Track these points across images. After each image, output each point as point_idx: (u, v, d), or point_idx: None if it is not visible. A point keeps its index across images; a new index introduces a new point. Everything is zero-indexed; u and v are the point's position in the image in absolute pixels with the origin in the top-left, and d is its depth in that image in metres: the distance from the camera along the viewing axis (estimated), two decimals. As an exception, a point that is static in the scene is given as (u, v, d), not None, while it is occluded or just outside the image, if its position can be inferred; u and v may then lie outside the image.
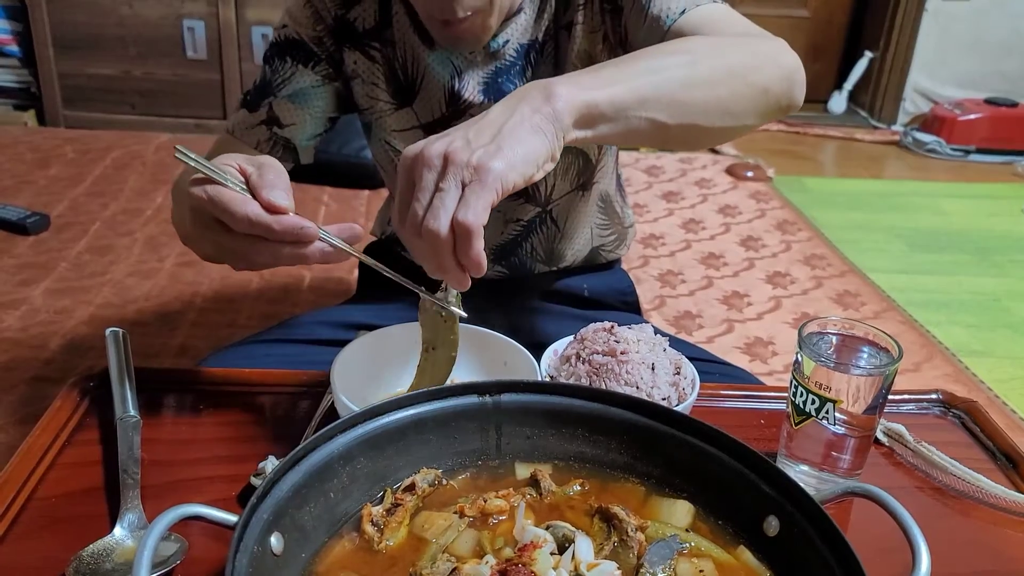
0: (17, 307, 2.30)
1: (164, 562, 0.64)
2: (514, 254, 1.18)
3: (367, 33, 1.06)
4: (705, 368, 0.96)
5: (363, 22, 1.05)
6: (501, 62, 1.04)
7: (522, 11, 1.02)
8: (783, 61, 0.88)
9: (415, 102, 1.07)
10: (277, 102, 1.05)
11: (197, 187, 0.70)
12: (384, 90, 1.07)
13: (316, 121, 1.08)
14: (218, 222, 0.71)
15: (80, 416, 0.82)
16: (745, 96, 0.84)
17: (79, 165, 3.25)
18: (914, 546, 0.57)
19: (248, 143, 1.05)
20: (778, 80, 0.87)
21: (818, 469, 0.78)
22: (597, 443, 0.72)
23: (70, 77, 3.57)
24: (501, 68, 1.04)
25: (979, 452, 0.89)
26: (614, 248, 1.27)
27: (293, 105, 1.06)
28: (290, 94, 1.05)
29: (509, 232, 1.16)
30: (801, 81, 0.89)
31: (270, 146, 1.06)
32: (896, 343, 0.76)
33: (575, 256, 1.22)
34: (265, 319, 2.31)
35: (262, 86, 1.06)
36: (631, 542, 0.62)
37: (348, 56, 1.06)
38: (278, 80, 1.06)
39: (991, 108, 4.08)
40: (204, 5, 3.50)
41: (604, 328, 0.87)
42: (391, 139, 1.10)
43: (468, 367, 0.88)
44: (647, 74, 0.78)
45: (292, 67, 1.06)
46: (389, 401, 0.68)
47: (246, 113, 1.06)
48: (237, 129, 1.06)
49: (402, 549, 0.63)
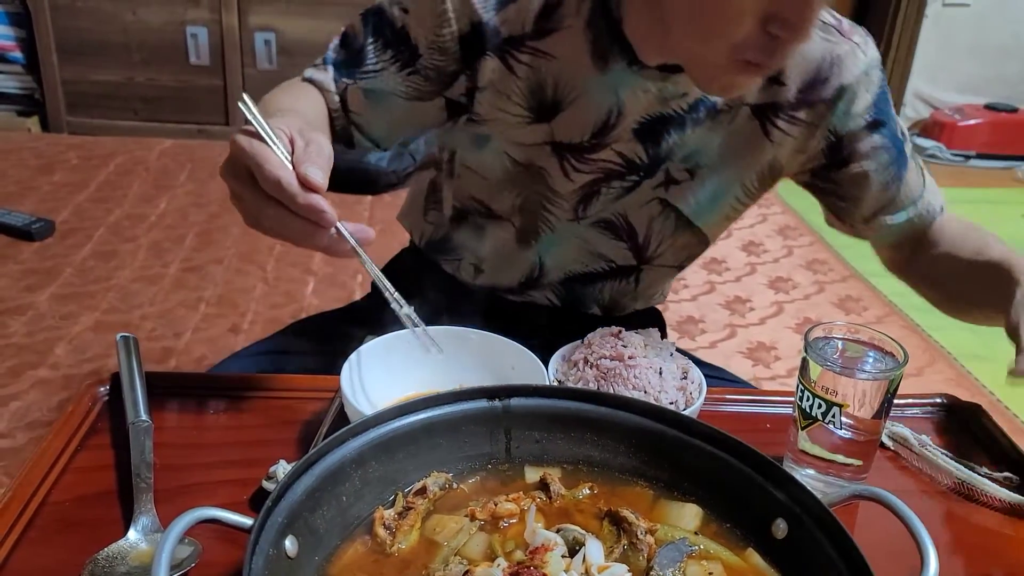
0: (23, 313, 2.31)
1: (179, 565, 0.64)
2: (580, 289, 1.13)
3: (513, 40, 0.96)
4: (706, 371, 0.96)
5: (512, 26, 0.95)
6: (671, 110, 0.98)
7: None
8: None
9: (555, 120, 0.99)
10: (353, 88, 0.98)
11: (243, 138, 0.72)
12: (518, 103, 0.99)
13: (389, 127, 1.02)
14: (248, 174, 0.72)
15: (92, 421, 0.83)
16: None
17: (83, 171, 3.26)
18: (922, 548, 0.57)
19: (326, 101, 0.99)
20: None
21: (824, 473, 0.79)
22: (605, 447, 0.72)
23: (74, 83, 3.58)
24: (667, 116, 0.98)
25: (983, 455, 0.89)
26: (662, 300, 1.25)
27: (366, 101, 0.99)
28: (367, 88, 0.98)
29: (591, 266, 1.11)
30: None
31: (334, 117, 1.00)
32: (901, 347, 0.77)
33: (630, 309, 1.18)
34: (269, 323, 2.32)
35: (351, 57, 0.98)
36: (641, 545, 0.63)
37: (484, 64, 0.97)
38: (367, 67, 0.98)
39: (991, 113, 4.09)
40: (207, 11, 3.51)
41: (612, 333, 0.87)
42: (512, 151, 1.02)
43: (477, 372, 0.88)
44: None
45: (387, 62, 0.97)
46: (400, 405, 0.69)
47: (331, 74, 0.99)
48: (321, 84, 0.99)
49: (414, 552, 0.63)
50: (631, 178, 1.02)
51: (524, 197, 1.05)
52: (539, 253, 1.09)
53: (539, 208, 1.05)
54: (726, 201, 1.06)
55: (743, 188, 1.05)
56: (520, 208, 1.06)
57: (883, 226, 1.06)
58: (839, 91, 0.98)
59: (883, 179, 1.03)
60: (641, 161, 1.00)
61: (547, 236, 1.07)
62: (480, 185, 1.07)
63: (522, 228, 1.07)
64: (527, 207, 1.06)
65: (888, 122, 1.02)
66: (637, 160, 1.00)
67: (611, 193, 1.03)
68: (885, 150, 1.02)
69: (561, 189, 1.03)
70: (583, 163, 1.00)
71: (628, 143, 0.99)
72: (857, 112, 0.99)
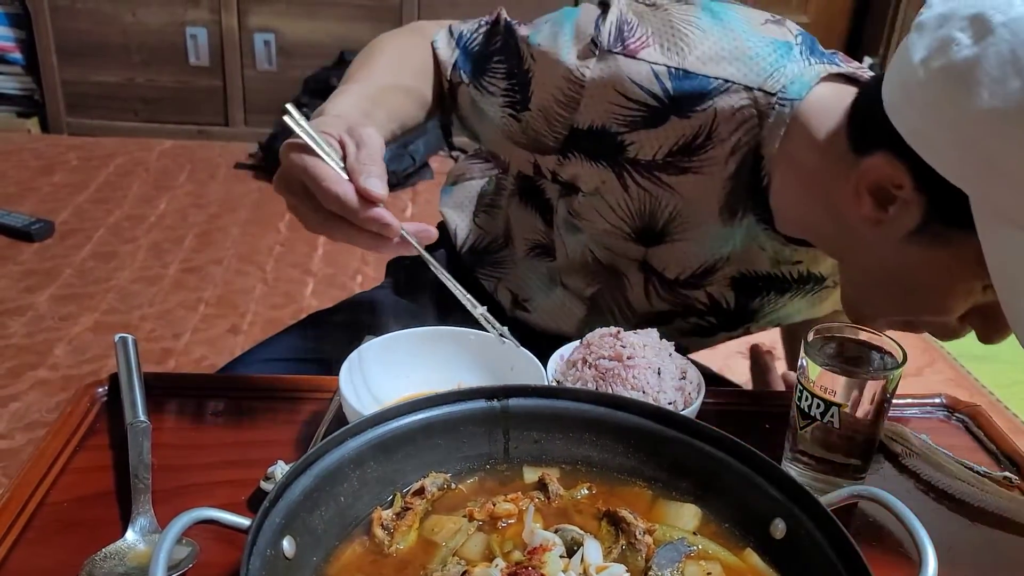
0: (22, 314, 2.31)
1: (176, 566, 0.64)
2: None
3: (634, 162, 0.88)
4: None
5: (643, 150, 0.87)
6: (779, 273, 0.96)
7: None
8: None
9: (654, 247, 0.95)
10: (464, 88, 0.94)
11: (295, 154, 0.70)
12: (623, 219, 0.93)
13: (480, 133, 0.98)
14: (305, 189, 0.71)
15: (91, 421, 0.83)
16: None
17: (83, 172, 3.26)
18: (920, 548, 0.57)
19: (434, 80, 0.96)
20: None
21: (823, 473, 0.79)
22: (604, 447, 0.72)
23: (73, 84, 3.58)
24: (772, 277, 0.95)
25: (983, 456, 0.89)
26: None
27: (471, 106, 0.95)
28: (475, 98, 0.94)
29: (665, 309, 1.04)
30: None
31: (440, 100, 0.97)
32: (900, 347, 0.76)
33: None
34: (269, 324, 2.32)
35: (478, 58, 0.93)
36: (639, 545, 0.62)
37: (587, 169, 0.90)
38: (484, 79, 0.93)
39: (991, 113, 4.08)
40: (207, 12, 3.51)
41: (610, 333, 0.87)
42: (600, 253, 0.99)
43: (475, 372, 0.88)
44: None
45: (496, 90, 0.92)
46: (398, 406, 0.68)
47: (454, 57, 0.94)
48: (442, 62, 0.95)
49: (412, 553, 0.63)
50: (709, 319, 1.00)
51: (597, 291, 1.02)
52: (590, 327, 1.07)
53: (608, 308, 1.03)
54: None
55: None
56: (590, 298, 1.04)
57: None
58: None
59: None
60: (727, 306, 0.98)
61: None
62: (561, 258, 1.03)
63: (587, 315, 1.06)
64: (596, 300, 1.04)
65: None
66: (723, 304, 0.98)
67: (684, 326, 1.02)
68: None
69: (637, 306, 1.00)
70: (669, 293, 0.97)
71: (722, 287, 0.96)
72: None
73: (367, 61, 0.92)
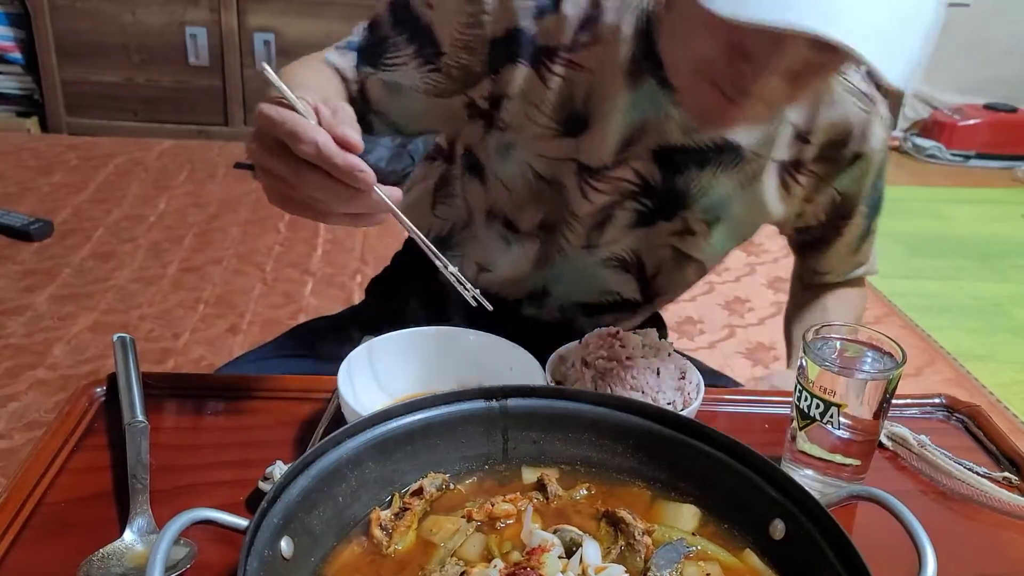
0: (21, 313, 2.30)
1: (174, 566, 0.64)
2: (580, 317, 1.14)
3: (548, 51, 0.94)
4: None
5: (550, 36, 0.93)
6: (692, 142, 0.97)
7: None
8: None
9: (582, 136, 0.98)
10: (374, 79, 0.98)
11: (269, 107, 0.70)
12: (548, 115, 0.97)
13: (407, 118, 1.02)
14: (281, 145, 0.70)
15: (89, 421, 0.82)
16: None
17: (82, 172, 3.26)
18: (920, 549, 0.57)
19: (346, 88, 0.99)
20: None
21: (822, 473, 0.79)
22: (603, 447, 0.72)
23: (73, 84, 3.58)
24: (688, 148, 0.97)
25: (983, 456, 0.89)
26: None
27: (386, 92, 0.98)
28: (388, 81, 0.97)
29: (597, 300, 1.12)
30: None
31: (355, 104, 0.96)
32: (900, 347, 0.76)
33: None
34: (268, 324, 2.32)
35: (373, 46, 0.98)
36: (638, 546, 0.62)
37: (514, 72, 0.95)
38: (388, 57, 0.97)
39: (991, 113, 4.09)
40: (206, 12, 3.51)
41: (609, 333, 0.87)
42: (536, 163, 1.01)
43: (474, 372, 0.88)
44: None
45: (406, 57, 0.96)
46: (397, 406, 0.68)
47: (352, 61, 0.98)
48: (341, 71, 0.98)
49: (411, 553, 0.63)
50: (644, 202, 1.01)
51: (545, 214, 1.05)
52: (547, 280, 1.10)
53: (557, 231, 1.05)
54: (729, 246, 1.10)
55: (752, 231, 1.10)
56: (540, 226, 1.06)
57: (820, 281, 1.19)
58: (857, 156, 1.02)
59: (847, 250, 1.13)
60: (656, 184, 1.00)
61: (560, 264, 1.08)
62: (505, 198, 1.06)
63: (539, 250, 1.08)
64: (546, 226, 1.06)
65: (879, 202, 1.10)
66: (652, 181, 1.00)
67: (624, 218, 1.03)
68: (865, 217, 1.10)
69: (579, 210, 1.02)
70: (602, 182, 1.00)
71: (645, 162, 0.98)
72: (866, 182, 1.05)
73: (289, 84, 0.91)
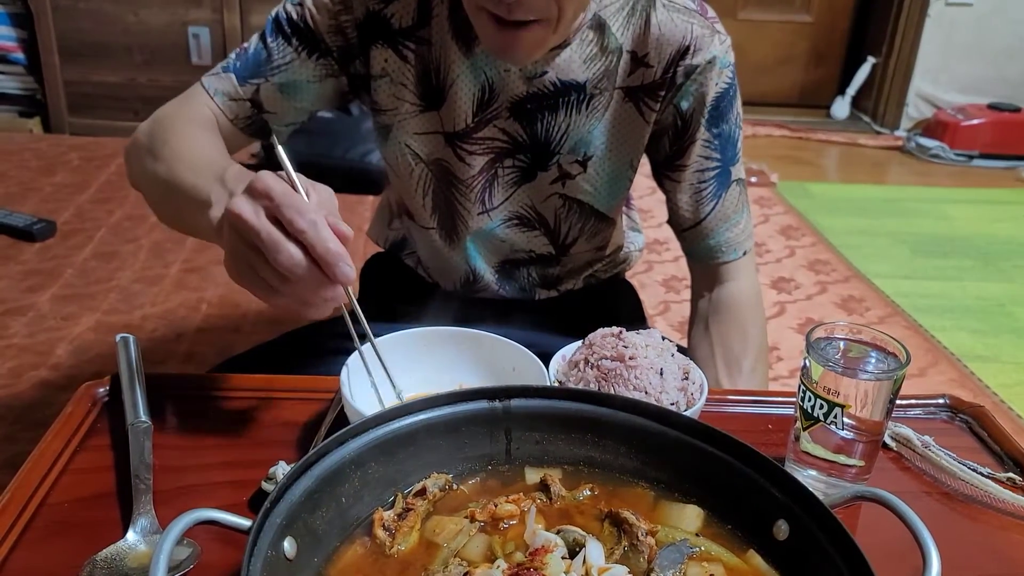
0: (24, 314, 2.31)
1: (177, 566, 0.64)
2: (514, 276, 1.18)
3: (403, 31, 1.02)
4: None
5: (400, 19, 1.01)
6: (536, 89, 1.01)
7: (567, 45, 0.99)
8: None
9: (442, 107, 1.04)
10: (266, 86, 1.02)
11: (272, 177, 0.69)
12: (412, 91, 1.04)
13: (299, 113, 1.06)
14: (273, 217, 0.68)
15: (91, 421, 0.83)
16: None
17: (84, 172, 3.26)
18: (924, 550, 0.57)
19: (226, 113, 1.03)
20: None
21: (826, 474, 0.78)
22: (606, 448, 0.72)
23: (75, 84, 3.59)
24: (536, 95, 1.01)
25: (986, 457, 0.89)
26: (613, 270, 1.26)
27: (281, 95, 1.03)
28: (281, 83, 1.02)
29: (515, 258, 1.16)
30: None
31: (245, 124, 1.04)
32: (904, 348, 0.76)
33: (574, 284, 1.21)
34: (270, 324, 2.32)
35: (256, 62, 1.02)
36: (641, 546, 0.62)
37: (377, 53, 1.02)
38: (275, 63, 1.02)
39: (994, 113, 4.08)
40: (209, 12, 3.51)
41: (612, 333, 0.87)
42: (411, 142, 1.07)
43: (477, 373, 0.88)
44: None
45: (294, 54, 1.01)
46: (400, 406, 0.68)
47: (233, 83, 1.02)
48: (218, 96, 1.02)
49: (414, 554, 0.63)
50: (519, 158, 1.06)
51: (434, 193, 1.10)
52: (467, 258, 1.14)
53: (451, 204, 1.10)
54: (621, 184, 1.10)
55: (631, 167, 1.09)
56: (435, 208, 1.11)
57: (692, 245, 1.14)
58: (691, 69, 1.01)
59: (698, 180, 1.07)
60: (522, 138, 1.04)
61: (468, 239, 1.12)
62: (398, 187, 1.13)
63: (444, 230, 1.13)
64: (440, 205, 1.10)
65: (725, 127, 1.05)
66: (519, 137, 1.04)
67: (508, 176, 1.07)
68: (714, 151, 1.06)
69: (462, 175, 1.07)
70: (472, 143, 1.04)
71: (507, 121, 1.03)
72: (700, 98, 1.03)
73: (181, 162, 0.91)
